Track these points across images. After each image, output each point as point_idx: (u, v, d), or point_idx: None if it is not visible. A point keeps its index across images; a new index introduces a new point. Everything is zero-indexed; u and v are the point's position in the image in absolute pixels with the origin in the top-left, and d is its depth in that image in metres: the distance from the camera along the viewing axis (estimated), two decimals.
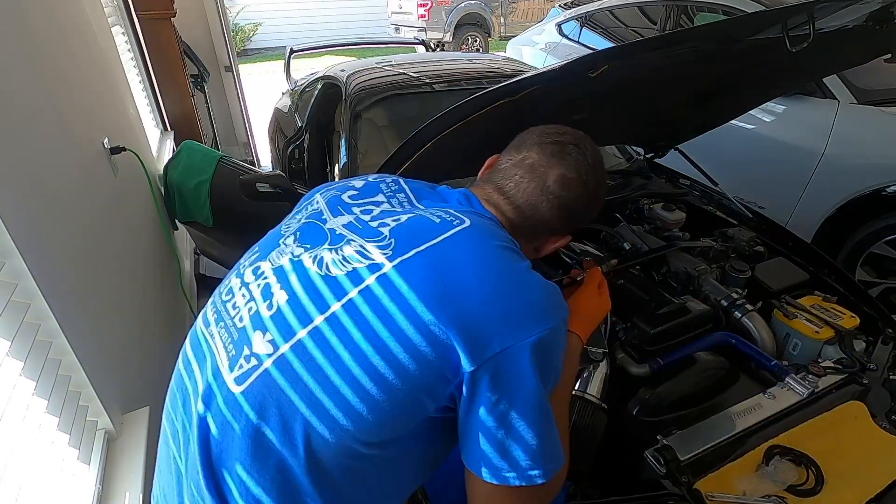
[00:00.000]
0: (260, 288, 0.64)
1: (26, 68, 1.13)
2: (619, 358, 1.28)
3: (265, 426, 0.57)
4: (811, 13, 0.99)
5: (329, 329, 0.58)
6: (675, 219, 1.83)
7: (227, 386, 0.60)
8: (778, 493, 0.91)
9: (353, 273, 0.60)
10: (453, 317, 0.56)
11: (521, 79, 1.05)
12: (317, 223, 0.68)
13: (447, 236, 0.61)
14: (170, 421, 0.68)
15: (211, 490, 0.58)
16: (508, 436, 0.57)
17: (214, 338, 0.65)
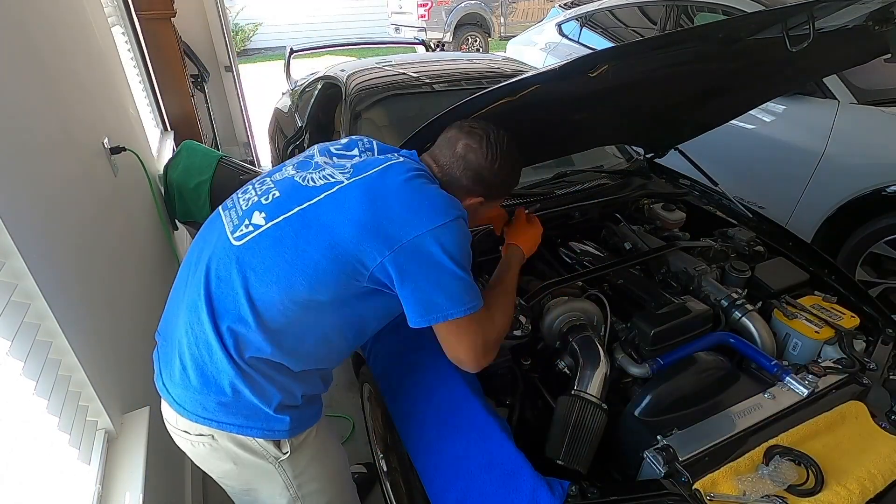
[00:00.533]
0: (263, 188, 0.97)
1: (26, 68, 1.13)
2: (619, 358, 1.28)
3: (249, 269, 0.86)
4: (811, 13, 0.99)
5: (304, 215, 0.87)
6: (675, 219, 1.83)
7: (229, 241, 0.90)
8: (778, 493, 0.91)
9: (325, 186, 0.90)
10: (376, 219, 0.84)
11: (521, 79, 1.05)
12: (308, 160, 1.01)
13: (385, 166, 0.91)
14: (184, 268, 0.99)
15: (206, 301, 0.88)
16: (432, 292, 0.85)
17: (225, 216, 0.98)
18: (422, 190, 0.88)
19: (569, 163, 2.10)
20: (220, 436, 0.92)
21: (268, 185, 0.97)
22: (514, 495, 0.94)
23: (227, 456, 0.95)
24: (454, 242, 0.85)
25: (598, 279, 1.50)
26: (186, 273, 0.96)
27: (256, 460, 0.96)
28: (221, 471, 1.00)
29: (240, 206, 0.96)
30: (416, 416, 1.21)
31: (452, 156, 0.97)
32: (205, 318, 0.87)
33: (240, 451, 0.94)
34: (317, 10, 11.17)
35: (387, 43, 4.84)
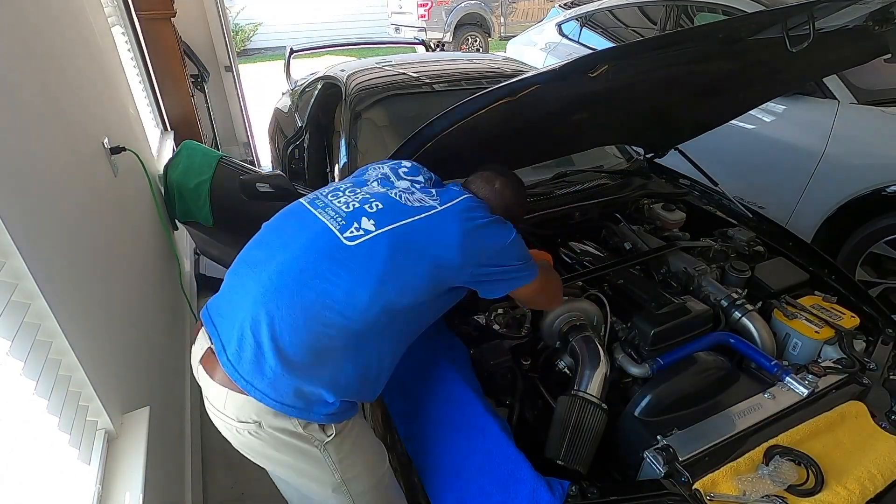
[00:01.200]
0: (358, 196, 1.06)
1: (26, 68, 1.13)
2: (619, 358, 1.28)
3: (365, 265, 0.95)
4: (811, 13, 0.99)
5: (410, 228, 0.99)
6: (675, 219, 1.83)
7: (340, 241, 0.97)
8: (778, 493, 0.91)
9: (422, 208, 1.02)
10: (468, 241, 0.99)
11: (521, 79, 1.05)
12: (385, 178, 1.12)
13: (462, 198, 1.07)
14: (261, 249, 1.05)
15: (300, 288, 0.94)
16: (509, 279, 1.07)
17: (322, 213, 1.04)
18: (494, 220, 1.07)
19: (569, 163, 2.10)
20: (265, 422, 0.95)
21: (362, 195, 1.06)
22: (514, 495, 0.94)
23: (272, 443, 0.98)
24: (517, 252, 1.07)
25: (598, 279, 1.50)
26: (267, 255, 1.01)
27: (302, 445, 0.99)
28: (268, 459, 1.03)
29: (338, 209, 1.03)
30: (416, 415, 1.21)
31: (492, 190, 1.17)
32: (295, 304, 0.93)
33: (285, 436, 0.97)
34: (317, 10, 11.16)
35: (387, 43, 4.85)
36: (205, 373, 1.01)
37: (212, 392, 0.99)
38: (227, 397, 0.96)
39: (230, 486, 1.85)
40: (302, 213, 1.07)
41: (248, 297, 0.96)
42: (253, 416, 0.95)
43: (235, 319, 0.95)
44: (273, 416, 0.95)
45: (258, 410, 0.94)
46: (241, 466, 1.89)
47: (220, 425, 1.03)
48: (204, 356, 1.02)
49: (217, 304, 1.04)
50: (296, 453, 1.00)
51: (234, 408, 0.96)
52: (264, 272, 0.97)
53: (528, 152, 1.70)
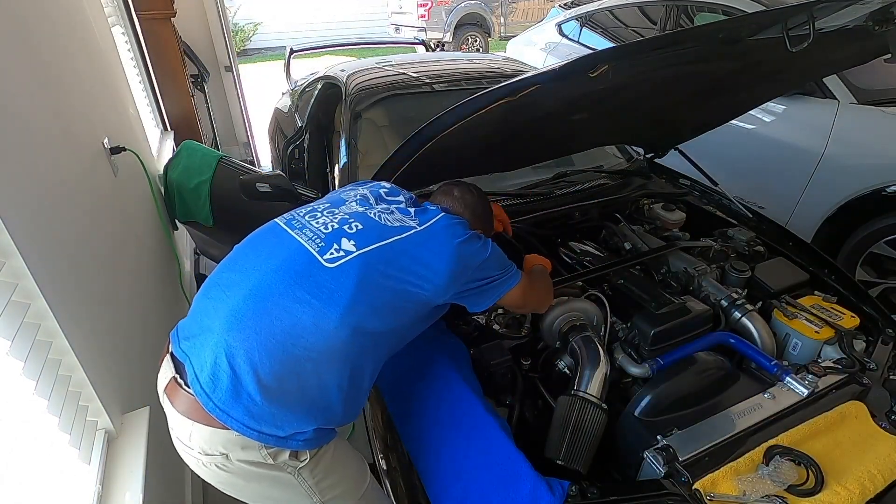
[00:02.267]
0: (336, 217, 1.04)
1: (26, 69, 1.13)
2: (619, 358, 1.28)
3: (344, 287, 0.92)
4: (811, 13, 0.99)
5: (391, 248, 0.97)
6: (675, 219, 1.83)
7: (319, 262, 0.94)
8: (778, 493, 0.91)
9: (402, 228, 1.01)
10: (451, 260, 0.99)
11: (521, 79, 1.05)
12: (364, 199, 1.11)
13: (439, 217, 1.07)
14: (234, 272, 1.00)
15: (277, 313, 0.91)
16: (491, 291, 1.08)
17: (299, 234, 1.01)
18: (471, 236, 1.06)
19: (569, 163, 2.10)
20: (233, 455, 0.91)
21: (341, 215, 1.04)
22: (514, 495, 0.94)
23: (241, 475, 0.94)
24: (495, 262, 1.08)
25: (598, 279, 1.50)
26: (239, 277, 0.97)
27: (273, 473, 0.95)
28: (239, 489, 0.99)
29: (317, 230, 1.01)
30: (416, 415, 1.21)
31: (453, 199, 1.20)
32: (272, 328, 0.89)
33: (253, 468, 0.93)
34: (317, 10, 11.16)
35: (387, 43, 4.85)
36: (170, 404, 0.94)
37: (177, 423, 0.94)
38: (193, 429, 0.91)
39: None
40: (277, 234, 1.03)
41: (220, 321, 0.91)
42: (220, 448, 0.90)
43: (207, 346, 0.90)
44: (241, 448, 0.90)
45: (225, 442, 0.90)
46: None
47: (186, 458, 0.98)
48: (168, 386, 0.95)
49: (186, 326, 0.97)
50: (268, 482, 0.96)
51: (199, 440, 0.91)
52: (237, 295, 0.93)
53: (529, 152, 1.69)
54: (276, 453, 0.92)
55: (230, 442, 0.90)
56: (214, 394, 0.87)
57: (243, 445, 0.90)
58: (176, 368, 0.95)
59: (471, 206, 1.19)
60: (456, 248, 0.99)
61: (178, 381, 0.93)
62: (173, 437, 0.98)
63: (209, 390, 0.88)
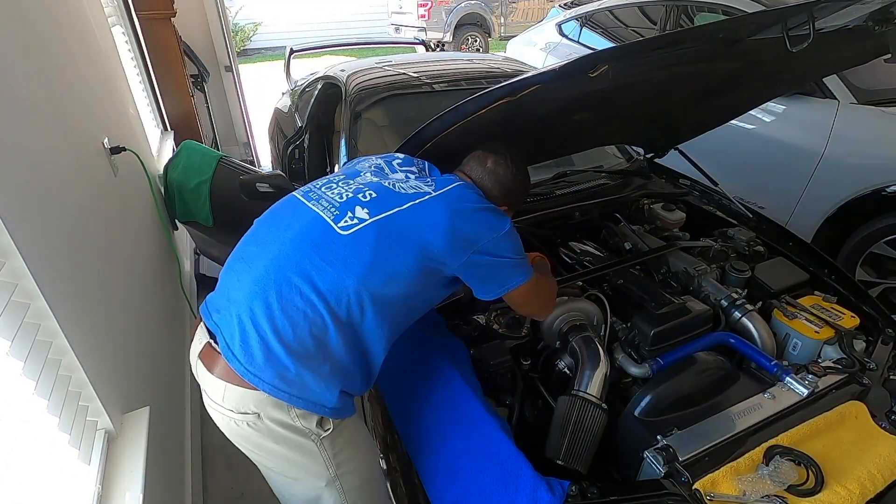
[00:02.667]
0: (351, 187, 1.06)
1: (26, 68, 1.13)
2: (619, 358, 1.28)
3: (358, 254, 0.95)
4: (811, 13, 0.99)
5: (404, 215, 0.99)
6: (675, 219, 1.83)
7: (335, 230, 0.98)
8: (778, 493, 0.91)
9: (416, 194, 1.03)
10: (459, 227, 0.99)
11: (521, 79, 1.05)
12: (379, 169, 1.13)
13: (456, 185, 1.08)
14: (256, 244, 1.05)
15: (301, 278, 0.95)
16: (501, 276, 1.07)
17: (316, 205, 1.04)
18: (487, 208, 1.06)
19: (569, 163, 2.10)
20: (264, 413, 0.96)
21: (356, 185, 1.06)
22: (514, 495, 0.94)
23: (270, 435, 0.99)
24: (510, 245, 1.06)
25: (598, 279, 1.50)
26: (260, 249, 1.02)
27: (298, 439, 1.00)
28: (264, 451, 1.03)
29: (332, 200, 1.04)
30: (416, 415, 1.21)
31: (484, 170, 1.16)
32: (291, 294, 0.94)
33: (282, 430, 0.98)
34: (317, 10, 11.16)
35: (387, 43, 4.85)
36: (203, 367, 1.01)
37: (210, 385, 1.00)
38: (226, 390, 0.96)
39: (230, 486, 1.85)
40: (295, 205, 1.08)
41: (243, 291, 0.97)
42: (252, 407, 0.96)
43: (233, 314, 0.96)
44: (273, 407, 0.96)
45: (257, 402, 0.95)
46: (241, 466, 1.89)
47: (217, 419, 1.03)
48: (202, 351, 1.02)
49: (215, 300, 1.04)
50: (292, 446, 1.01)
51: (232, 400, 0.96)
52: (259, 265, 0.98)
53: (528, 152, 1.69)
54: (305, 415, 0.97)
55: (262, 402, 0.95)
56: (246, 360, 0.93)
57: (275, 404, 0.95)
58: (210, 335, 1.00)
59: (502, 180, 1.16)
60: (464, 213, 1.01)
61: (213, 346, 0.99)
62: (206, 399, 1.03)
63: (241, 357, 0.93)
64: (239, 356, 0.93)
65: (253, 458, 1.08)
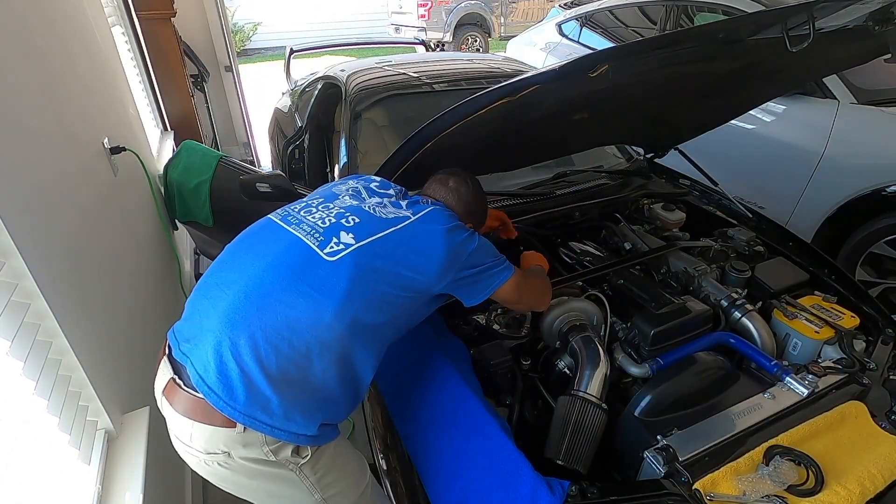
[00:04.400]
0: (332, 211, 1.05)
1: (26, 69, 1.13)
2: (619, 358, 1.28)
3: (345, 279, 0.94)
4: (811, 13, 0.99)
5: (388, 240, 0.99)
6: (675, 219, 1.83)
7: (320, 256, 0.96)
8: (778, 493, 0.91)
9: (397, 219, 1.03)
10: (445, 252, 1.01)
11: (521, 79, 1.05)
12: (356, 192, 1.13)
13: (430, 210, 1.09)
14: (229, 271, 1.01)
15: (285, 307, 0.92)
16: (481, 283, 1.08)
17: (297, 230, 1.02)
18: (461, 226, 1.08)
19: (569, 163, 2.10)
20: (234, 452, 0.91)
21: (336, 209, 1.06)
22: (514, 495, 0.94)
23: (243, 472, 0.94)
24: (486, 251, 1.10)
25: (598, 279, 1.50)
26: (237, 274, 0.97)
27: (275, 470, 0.95)
28: (241, 487, 0.99)
29: (314, 225, 1.02)
30: (416, 415, 1.21)
31: (447, 191, 1.20)
32: (274, 322, 0.90)
33: (255, 465, 0.93)
34: (317, 10, 11.16)
35: (387, 43, 4.86)
36: (168, 406, 0.94)
37: (177, 425, 0.93)
38: (193, 428, 0.90)
39: None
40: (274, 229, 1.05)
41: (219, 320, 0.91)
42: (221, 446, 0.90)
43: (209, 344, 0.89)
44: (242, 446, 0.90)
45: (227, 440, 0.90)
46: None
47: (187, 459, 0.97)
48: (166, 388, 0.95)
49: (184, 329, 0.96)
50: (269, 479, 0.96)
51: (201, 440, 0.91)
52: (235, 292, 0.93)
53: (529, 152, 1.70)
54: (279, 449, 0.92)
55: (231, 440, 0.90)
56: (224, 392, 0.87)
57: (245, 443, 0.90)
58: (174, 370, 0.95)
59: (464, 198, 1.20)
60: (447, 235, 1.02)
61: (177, 383, 0.93)
62: (172, 437, 0.97)
63: (218, 389, 0.87)
64: (215, 388, 0.87)
65: (235, 493, 1.01)
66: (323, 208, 1.07)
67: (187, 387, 0.91)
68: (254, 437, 0.90)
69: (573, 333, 1.28)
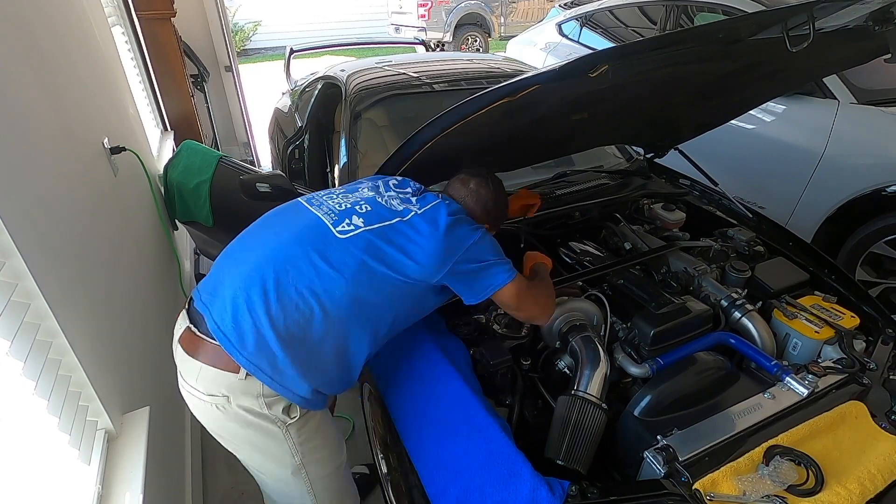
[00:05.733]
0: (350, 199, 1.16)
1: (26, 69, 1.13)
2: (619, 358, 1.28)
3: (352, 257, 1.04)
4: (811, 13, 0.99)
5: (393, 228, 1.08)
6: (675, 219, 1.83)
7: (333, 233, 1.06)
8: (778, 493, 0.91)
9: (405, 211, 1.12)
10: (443, 241, 1.07)
11: (521, 79, 1.05)
12: (376, 187, 1.22)
13: (438, 202, 1.16)
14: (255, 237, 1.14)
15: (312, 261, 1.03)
16: (483, 279, 1.12)
17: (317, 210, 1.13)
18: (464, 219, 1.15)
19: (569, 163, 2.10)
20: (233, 398, 1.01)
21: (353, 198, 1.17)
22: (514, 495, 0.94)
23: (237, 419, 1.03)
24: (488, 247, 1.13)
25: (598, 279, 1.50)
26: (261, 241, 1.11)
27: (265, 424, 1.04)
28: (231, 434, 1.08)
29: (332, 207, 1.14)
30: (416, 415, 1.21)
31: (467, 191, 1.25)
32: (287, 284, 1.00)
33: (249, 416, 1.03)
34: (317, 9, 11.16)
35: (387, 43, 4.84)
36: (182, 350, 1.05)
37: (186, 367, 1.04)
38: (201, 371, 1.01)
39: (230, 486, 1.85)
40: (298, 208, 1.18)
41: (241, 275, 1.03)
42: (223, 390, 1.00)
43: (227, 297, 1.01)
44: (242, 394, 1.00)
45: (229, 386, 1.00)
46: (241, 467, 1.88)
47: (190, 401, 1.07)
48: (182, 335, 1.06)
49: (207, 283, 1.09)
50: (258, 431, 1.05)
51: (205, 381, 1.01)
52: (259, 254, 1.05)
53: (529, 152, 1.70)
54: (272, 403, 1.02)
55: (233, 385, 1.00)
56: (236, 339, 0.98)
57: (244, 391, 1.00)
58: (192, 320, 1.06)
59: (482, 200, 1.25)
60: (446, 227, 1.09)
61: (193, 331, 1.04)
62: (180, 380, 1.07)
63: (231, 336, 0.98)
64: (229, 335, 0.99)
65: (224, 443, 1.12)
66: (342, 196, 1.18)
67: (202, 333, 1.02)
68: (253, 385, 1.00)
69: (573, 333, 1.28)
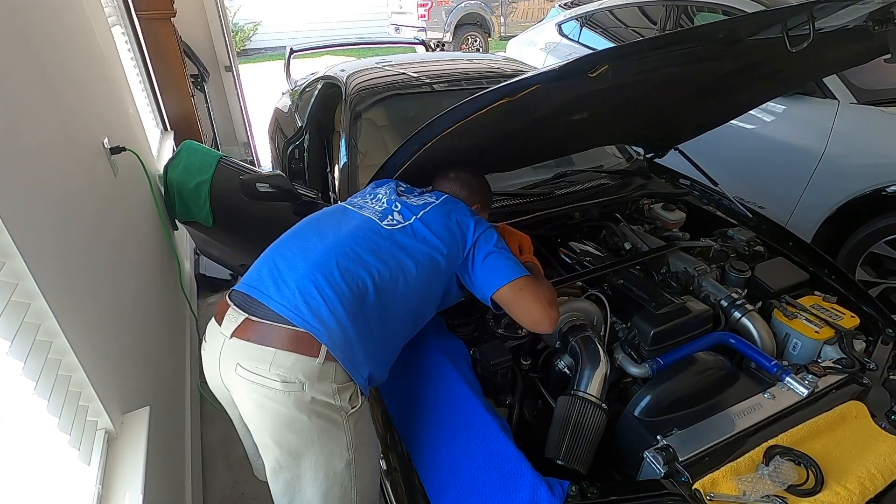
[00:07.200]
0: (384, 200, 1.30)
1: (26, 69, 1.13)
2: (619, 358, 1.28)
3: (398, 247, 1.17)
4: (811, 13, 0.99)
5: (420, 221, 1.22)
6: (675, 219, 1.83)
7: (382, 227, 1.20)
8: (778, 493, 0.91)
9: (422, 206, 1.26)
10: (453, 232, 1.21)
11: (521, 79, 1.05)
12: (395, 190, 1.34)
13: (445, 198, 1.31)
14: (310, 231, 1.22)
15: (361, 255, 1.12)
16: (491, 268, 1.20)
17: (363, 209, 1.27)
18: (472, 211, 1.29)
19: (569, 163, 2.10)
20: (309, 383, 1.01)
21: (385, 199, 1.31)
22: (514, 495, 0.94)
23: (306, 408, 1.02)
24: (498, 238, 1.23)
25: (598, 279, 1.50)
26: (317, 237, 1.18)
27: (330, 413, 1.05)
28: (293, 425, 1.03)
29: (373, 207, 1.28)
30: (416, 415, 1.21)
31: (451, 182, 1.39)
32: (349, 273, 1.08)
33: (317, 405, 1.03)
34: (317, 9, 11.16)
35: (387, 43, 4.84)
36: (242, 341, 1.03)
37: (254, 354, 1.01)
38: (275, 357, 1.00)
39: (230, 486, 1.86)
40: (345, 210, 1.30)
41: (310, 265, 1.09)
42: (300, 376, 1.00)
43: (293, 286, 1.06)
44: (318, 379, 1.01)
45: (306, 370, 1.00)
46: (241, 466, 1.89)
47: (256, 391, 1.02)
48: (239, 328, 1.04)
49: (264, 277, 1.11)
50: (324, 421, 1.05)
51: (281, 368, 1.00)
52: (320, 248, 1.13)
53: (529, 152, 1.70)
54: (343, 389, 1.05)
55: (311, 371, 1.01)
56: (312, 318, 1.01)
57: (320, 376, 1.01)
58: (247, 311, 1.06)
59: (466, 181, 1.39)
60: (460, 216, 1.24)
61: (255, 320, 1.04)
62: (242, 373, 1.03)
63: (308, 317, 1.01)
64: (306, 317, 1.01)
65: (267, 437, 1.06)
66: (374, 201, 1.31)
67: (272, 320, 1.03)
68: (328, 370, 1.02)
69: (573, 333, 1.28)
